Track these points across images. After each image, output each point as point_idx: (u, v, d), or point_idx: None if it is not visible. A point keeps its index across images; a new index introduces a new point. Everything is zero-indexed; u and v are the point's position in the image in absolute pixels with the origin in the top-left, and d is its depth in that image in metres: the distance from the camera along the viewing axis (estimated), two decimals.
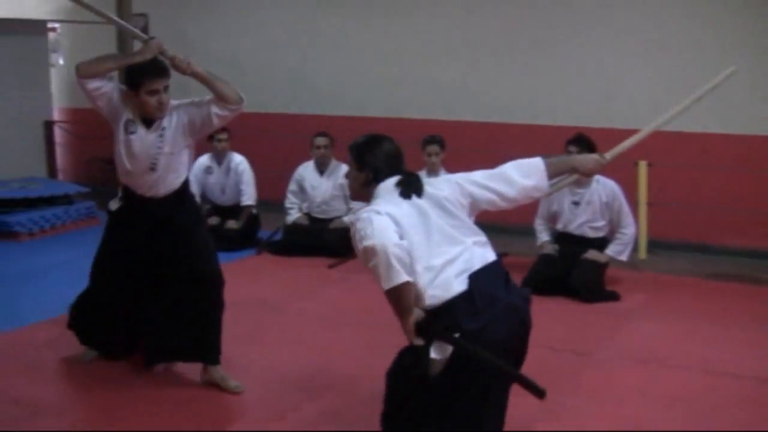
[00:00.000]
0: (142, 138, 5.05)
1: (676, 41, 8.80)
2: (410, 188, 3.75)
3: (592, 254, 7.37)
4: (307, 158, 9.13)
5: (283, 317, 6.74)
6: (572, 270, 7.24)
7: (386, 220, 3.54)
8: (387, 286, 3.43)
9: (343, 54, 10.73)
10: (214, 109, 5.01)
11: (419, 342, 3.52)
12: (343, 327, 6.39)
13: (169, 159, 5.10)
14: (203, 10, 11.61)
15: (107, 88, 5.02)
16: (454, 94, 10.00)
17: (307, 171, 9.09)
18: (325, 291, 7.37)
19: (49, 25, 12.11)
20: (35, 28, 11.55)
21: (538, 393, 3.49)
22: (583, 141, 7.12)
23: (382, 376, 3.81)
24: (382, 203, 3.69)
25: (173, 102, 5.09)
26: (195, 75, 4.95)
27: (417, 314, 3.51)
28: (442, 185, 3.81)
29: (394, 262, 3.39)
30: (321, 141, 8.91)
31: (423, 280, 3.55)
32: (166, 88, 5.00)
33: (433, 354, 3.51)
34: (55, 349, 5.84)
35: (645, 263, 8.35)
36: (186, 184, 5.35)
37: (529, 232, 7.92)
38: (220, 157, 9.15)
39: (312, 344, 6.10)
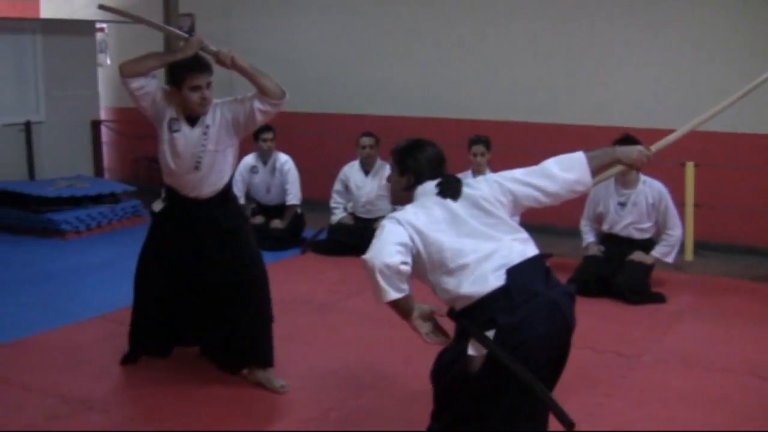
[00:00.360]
0: (186, 136, 5.06)
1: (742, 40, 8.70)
2: (448, 190, 3.74)
3: (637, 255, 7.31)
4: (352, 158, 9.14)
5: (328, 316, 6.75)
6: (618, 271, 7.18)
7: (398, 231, 3.59)
8: (377, 302, 3.64)
9: (387, 54, 10.71)
10: (257, 104, 4.99)
11: (430, 333, 3.68)
12: (387, 326, 6.32)
13: (213, 157, 5.10)
14: (249, 10, 11.65)
15: (150, 87, 5.03)
16: (500, 94, 9.96)
17: (352, 171, 9.09)
18: (370, 290, 7.32)
19: (97, 25, 12.24)
20: (83, 28, 11.69)
21: (567, 424, 3.43)
22: (630, 141, 7.03)
23: (425, 375, 3.81)
24: (411, 209, 3.72)
25: (216, 100, 5.10)
26: (238, 69, 4.95)
27: (420, 309, 3.65)
28: (480, 185, 3.81)
29: (381, 281, 3.56)
30: (367, 141, 8.91)
31: (456, 279, 3.55)
32: (208, 85, 5.00)
33: (471, 351, 3.51)
34: (101, 347, 5.90)
35: (691, 265, 8.26)
36: (229, 186, 5.34)
37: (575, 234, 7.87)
38: (265, 157, 9.17)
39: (356, 343, 6.11)
